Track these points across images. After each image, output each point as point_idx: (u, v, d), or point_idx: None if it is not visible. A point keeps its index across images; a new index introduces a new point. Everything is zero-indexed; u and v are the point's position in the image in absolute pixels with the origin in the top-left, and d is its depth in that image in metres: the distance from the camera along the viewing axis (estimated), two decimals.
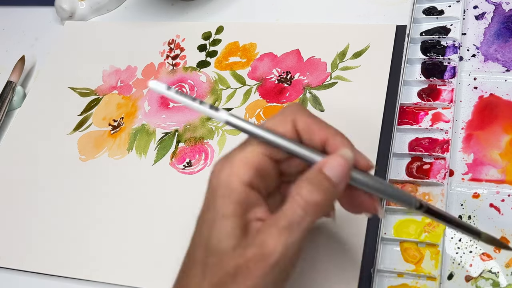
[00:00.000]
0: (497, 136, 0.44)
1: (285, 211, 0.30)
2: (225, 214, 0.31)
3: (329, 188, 0.31)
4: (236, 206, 0.31)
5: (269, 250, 0.29)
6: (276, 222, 0.30)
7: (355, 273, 0.39)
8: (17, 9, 0.67)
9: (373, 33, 0.51)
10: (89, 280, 0.44)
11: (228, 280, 0.30)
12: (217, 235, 0.31)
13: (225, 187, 0.31)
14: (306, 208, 0.30)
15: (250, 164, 0.32)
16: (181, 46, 0.57)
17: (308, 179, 0.31)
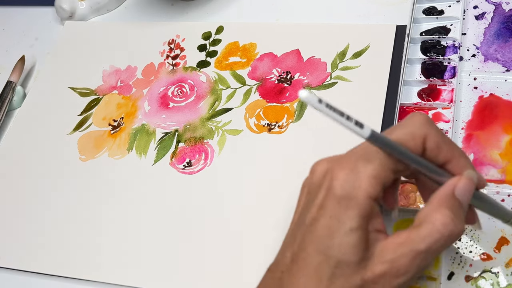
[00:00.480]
0: (497, 136, 0.44)
1: (423, 235, 0.30)
2: (352, 228, 0.30)
3: (462, 215, 0.32)
4: (362, 220, 0.31)
5: (403, 270, 0.30)
6: (412, 243, 0.30)
7: None
8: (17, 9, 0.67)
9: (373, 33, 0.51)
10: (89, 280, 0.44)
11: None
12: (342, 248, 0.30)
13: (352, 200, 0.31)
14: (447, 237, 0.30)
15: (378, 180, 0.31)
16: (181, 46, 0.57)
17: (447, 205, 0.31)
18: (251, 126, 0.49)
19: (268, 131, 0.48)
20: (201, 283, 0.42)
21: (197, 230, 0.45)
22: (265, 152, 0.47)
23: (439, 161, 0.33)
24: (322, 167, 0.33)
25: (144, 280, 0.43)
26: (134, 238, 0.45)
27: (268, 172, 0.46)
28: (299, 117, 0.48)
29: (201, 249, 0.44)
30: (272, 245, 0.42)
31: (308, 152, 0.46)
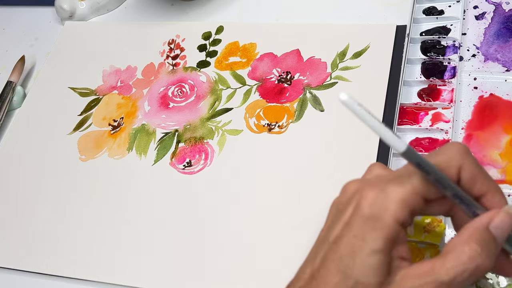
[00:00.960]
0: (497, 136, 0.44)
1: (448, 267, 0.29)
2: (375, 250, 0.30)
3: (494, 249, 0.30)
4: (386, 242, 0.30)
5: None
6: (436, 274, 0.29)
7: None
8: (17, 9, 0.67)
9: (373, 33, 0.51)
10: (89, 280, 0.44)
11: None
12: (362, 269, 0.30)
13: (378, 221, 0.30)
14: (473, 271, 0.29)
15: (408, 205, 0.30)
16: (181, 46, 0.57)
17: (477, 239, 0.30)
18: (251, 126, 0.49)
19: (268, 131, 0.48)
20: (200, 283, 0.42)
21: (197, 230, 0.45)
22: (265, 152, 0.47)
23: (474, 194, 0.32)
24: (353, 187, 0.32)
25: (144, 280, 0.43)
26: (134, 238, 0.45)
27: (268, 172, 0.46)
28: (299, 117, 0.48)
29: (201, 249, 0.44)
30: (272, 245, 0.42)
31: (308, 152, 0.46)
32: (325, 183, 0.44)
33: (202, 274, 0.43)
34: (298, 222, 0.43)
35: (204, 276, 0.42)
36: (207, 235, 0.44)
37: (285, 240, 0.42)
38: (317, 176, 0.45)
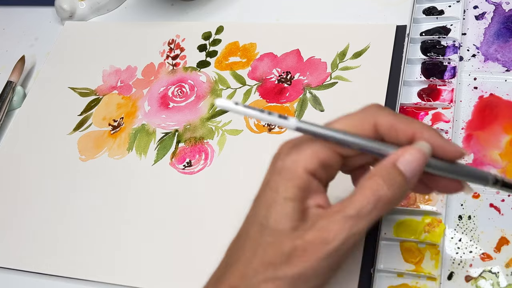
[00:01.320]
0: (497, 136, 0.44)
1: (354, 201, 0.31)
2: (287, 197, 0.32)
3: (401, 184, 0.32)
4: (297, 190, 0.32)
5: (331, 236, 0.30)
6: (343, 209, 0.31)
7: (355, 273, 0.39)
8: (17, 9, 0.67)
9: (373, 33, 0.51)
10: (89, 280, 0.44)
11: (281, 260, 0.31)
12: (275, 216, 0.32)
13: (289, 172, 0.32)
14: (376, 203, 0.31)
15: (318, 157, 0.32)
16: (181, 46, 0.57)
17: (381, 174, 0.32)
18: (251, 126, 0.49)
19: (268, 131, 0.48)
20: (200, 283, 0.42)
21: (197, 230, 0.45)
22: (265, 152, 0.47)
23: (402, 141, 0.33)
24: (275, 151, 0.34)
25: (144, 280, 0.43)
26: (134, 238, 0.45)
27: None
28: (299, 117, 0.48)
29: (201, 249, 0.43)
30: None
31: None
32: None
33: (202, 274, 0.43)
34: None
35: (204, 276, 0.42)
36: (207, 235, 0.44)
37: None
38: None
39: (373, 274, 0.39)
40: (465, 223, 0.41)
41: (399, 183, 0.31)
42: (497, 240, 0.39)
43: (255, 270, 0.31)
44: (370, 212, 0.31)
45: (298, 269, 0.31)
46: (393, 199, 0.31)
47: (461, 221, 0.41)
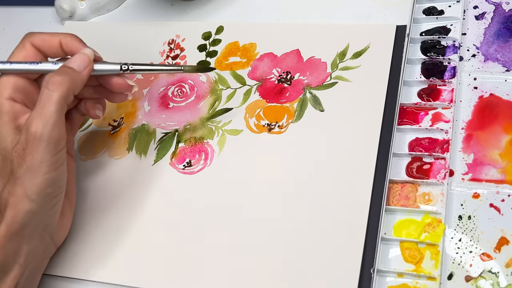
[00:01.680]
0: (497, 136, 0.44)
1: (39, 98, 0.39)
2: (0, 123, 0.40)
3: (70, 72, 0.41)
4: (5, 115, 0.40)
5: (34, 129, 0.38)
6: (35, 108, 0.39)
7: (355, 273, 0.39)
8: (17, 9, 0.67)
9: (373, 33, 0.51)
10: (89, 280, 0.44)
11: (14, 166, 0.39)
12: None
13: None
14: (50, 87, 0.39)
15: (9, 85, 0.41)
16: (181, 46, 0.57)
17: (54, 72, 0.40)
18: (251, 126, 0.49)
19: (268, 131, 0.48)
20: (200, 283, 0.42)
21: (196, 230, 0.45)
22: (265, 152, 0.47)
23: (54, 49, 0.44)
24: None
25: (144, 280, 0.43)
26: (133, 238, 0.45)
27: (268, 172, 0.46)
28: (299, 117, 0.48)
29: (201, 249, 0.43)
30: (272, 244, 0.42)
31: (308, 152, 0.46)
32: (325, 183, 0.44)
33: (202, 274, 0.43)
34: (297, 221, 0.43)
35: (204, 276, 0.42)
36: (207, 235, 0.44)
37: (285, 239, 0.42)
38: (317, 176, 0.45)
39: (373, 274, 0.39)
40: (465, 223, 0.41)
41: (67, 71, 0.41)
42: (497, 240, 0.39)
43: (2, 183, 0.39)
44: (50, 97, 0.39)
45: (26, 164, 0.38)
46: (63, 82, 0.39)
47: (461, 221, 0.41)
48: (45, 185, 0.39)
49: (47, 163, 0.39)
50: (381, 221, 0.41)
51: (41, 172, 0.38)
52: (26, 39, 0.43)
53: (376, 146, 0.44)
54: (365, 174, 0.43)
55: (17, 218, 0.38)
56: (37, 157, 0.38)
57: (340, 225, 0.42)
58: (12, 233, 0.38)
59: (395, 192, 0.43)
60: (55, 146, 0.39)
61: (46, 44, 0.43)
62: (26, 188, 0.38)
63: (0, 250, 0.38)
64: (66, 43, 0.43)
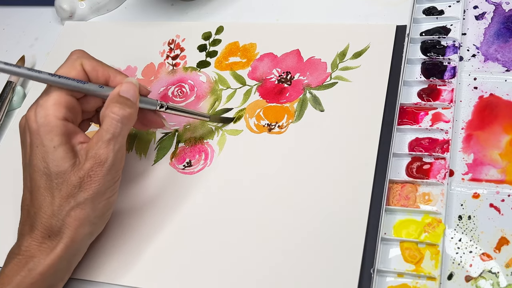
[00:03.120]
0: (497, 136, 0.44)
1: (106, 128, 0.40)
2: (56, 145, 0.39)
3: (131, 103, 0.41)
4: (61, 137, 0.40)
5: (103, 158, 0.40)
6: (101, 137, 0.40)
7: (355, 273, 0.39)
8: (17, 9, 0.67)
9: (373, 33, 0.51)
10: (89, 280, 0.44)
11: (76, 191, 0.39)
12: (53, 163, 0.39)
13: (46, 126, 0.40)
14: (122, 120, 0.40)
15: (60, 104, 0.40)
16: (181, 46, 0.57)
17: (114, 102, 0.41)
18: (251, 126, 0.49)
19: (268, 131, 0.48)
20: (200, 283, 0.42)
21: (196, 230, 0.45)
22: (265, 152, 0.47)
23: (101, 80, 0.43)
24: (22, 120, 0.42)
25: (144, 280, 0.43)
26: (133, 238, 0.45)
27: (268, 172, 0.46)
28: (299, 117, 0.48)
29: (201, 249, 0.43)
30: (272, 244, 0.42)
31: (308, 152, 0.46)
32: (325, 183, 0.44)
33: (202, 274, 0.43)
34: (297, 220, 0.43)
35: (204, 276, 0.42)
36: (207, 235, 0.44)
37: (285, 239, 0.42)
38: (317, 176, 0.45)
39: (373, 274, 0.39)
40: (465, 223, 0.41)
41: (129, 104, 0.41)
42: (497, 240, 0.39)
43: (59, 206, 0.39)
44: (121, 130, 0.40)
45: (92, 190, 0.40)
46: (131, 115, 0.41)
47: (461, 221, 0.41)
48: (106, 208, 0.41)
49: (110, 188, 0.41)
50: (381, 221, 0.41)
51: (105, 197, 0.41)
52: (77, 59, 0.43)
53: (376, 146, 0.44)
54: (365, 174, 0.43)
55: (76, 239, 0.40)
56: (104, 184, 0.40)
57: (340, 225, 0.42)
58: (67, 255, 0.40)
59: (395, 192, 0.43)
60: (118, 173, 0.41)
61: (95, 74, 0.43)
62: (89, 213, 0.40)
63: (52, 271, 0.40)
64: (114, 80, 0.43)
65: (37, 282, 0.39)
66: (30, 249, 0.40)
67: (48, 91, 0.41)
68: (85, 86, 0.41)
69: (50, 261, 0.39)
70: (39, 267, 0.39)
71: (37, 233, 0.40)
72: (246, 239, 0.43)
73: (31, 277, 0.39)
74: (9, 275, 0.39)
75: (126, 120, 0.40)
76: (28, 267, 0.39)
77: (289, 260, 0.41)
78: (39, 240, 0.40)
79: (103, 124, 0.40)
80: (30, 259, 0.39)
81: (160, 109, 0.45)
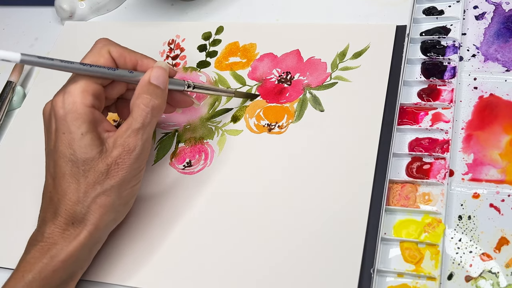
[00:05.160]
0: (497, 136, 0.44)
1: (135, 117, 0.40)
2: (83, 132, 0.39)
3: (161, 93, 0.42)
4: (89, 124, 0.40)
5: (132, 146, 0.40)
6: (131, 126, 0.40)
7: (355, 273, 0.39)
8: (17, 9, 0.67)
9: (373, 33, 0.51)
10: (89, 280, 0.44)
11: (103, 178, 0.40)
12: (80, 150, 0.39)
13: (74, 113, 0.40)
14: (152, 112, 0.41)
15: (88, 91, 0.40)
16: (181, 46, 0.57)
17: (145, 91, 0.41)
18: (251, 126, 0.49)
19: (268, 131, 0.48)
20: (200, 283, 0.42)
21: (196, 230, 0.45)
22: (265, 152, 0.47)
23: (129, 65, 0.43)
24: (46, 106, 0.42)
25: (144, 280, 0.43)
26: (133, 238, 0.45)
27: (268, 172, 0.46)
28: (299, 117, 0.48)
29: (201, 249, 0.43)
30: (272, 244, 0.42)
31: (308, 152, 0.46)
32: (325, 183, 0.44)
33: (202, 274, 0.43)
34: (298, 221, 0.43)
35: (204, 276, 0.42)
36: (207, 235, 0.44)
37: (285, 239, 0.42)
38: (317, 176, 0.45)
39: (373, 274, 0.39)
40: (465, 223, 0.41)
41: (159, 93, 0.41)
42: (497, 240, 0.39)
43: (85, 193, 0.39)
44: (150, 120, 0.41)
45: (119, 177, 0.40)
46: (160, 105, 0.41)
47: (461, 221, 0.41)
48: (131, 195, 0.42)
49: (136, 177, 0.41)
50: (381, 221, 0.41)
51: (130, 185, 0.41)
52: (104, 47, 0.43)
53: (376, 146, 0.44)
54: (365, 174, 0.43)
55: (100, 227, 0.40)
56: (131, 172, 0.40)
57: (340, 225, 0.42)
58: (90, 242, 0.40)
59: (395, 192, 0.43)
60: (144, 162, 0.42)
61: (122, 60, 0.43)
62: (115, 200, 0.40)
63: (74, 259, 0.40)
64: (142, 64, 0.44)
65: (59, 270, 0.39)
66: (53, 235, 0.40)
67: (76, 78, 0.41)
68: (116, 73, 0.42)
69: (73, 248, 0.39)
70: (62, 254, 0.39)
71: (60, 220, 0.40)
72: (246, 239, 0.43)
73: (53, 264, 0.39)
74: (30, 262, 0.39)
75: (155, 111, 0.41)
76: (50, 254, 0.39)
77: (289, 260, 0.41)
78: (62, 227, 0.40)
79: (133, 113, 0.41)
80: (52, 246, 0.39)
81: (188, 88, 0.45)
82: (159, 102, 0.41)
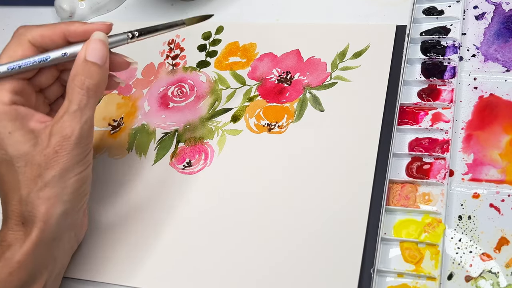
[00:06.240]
0: (497, 136, 0.44)
1: (71, 100, 0.38)
2: (10, 131, 0.38)
3: (97, 70, 0.39)
4: (14, 122, 0.38)
5: (69, 131, 0.38)
6: (67, 110, 0.38)
7: (355, 273, 0.39)
8: (17, 9, 0.67)
9: (373, 33, 0.51)
10: (90, 280, 0.44)
11: (42, 171, 0.37)
12: (12, 147, 0.38)
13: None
14: (88, 93, 0.38)
15: (6, 89, 0.39)
16: (181, 46, 0.57)
17: (79, 72, 0.38)
18: (251, 126, 0.49)
19: (268, 131, 0.48)
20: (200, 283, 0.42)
21: (196, 230, 0.45)
22: (265, 152, 0.47)
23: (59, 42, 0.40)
24: None
25: (144, 280, 0.43)
26: (133, 238, 0.45)
27: (268, 172, 0.46)
28: (299, 117, 0.48)
29: (201, 249, 0.43)
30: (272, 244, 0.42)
31: (308, 152, 0.46)
32: (325, 183, 0.44)
33: (202, 274, 0.43)
34: (298, 221, 0.43)
35: (204, 276, 0.42)
36: (207, 235, 0.44)
37: (285, 239, 0.42)
38: (316, 176, 0.45)
39: (373, 274, 0.39)
40: (465, 223, 0.41)
41: (96, 71, 0.39)
42: (497, 240, 0.39)
43: (28, 189, 0.37)
44: (87, 102, 0.38)
45: (60, 166, 0.38)
46: (98, 84, 0.39)
47: (461, 221, 0.41)
48: (78, 184, 0.39)
49: (80, 163, 0.39)
50: (381, 221, 0.41)
51: (74, 172, 0.39)
52: (22, 35, 0.40)
53: (376, 146, 0.44)
54: (365, 174, 0.43)
55: (50, 221, 0.38)
56: (72, 159, 0.38)
57: (340, 225, 0.42)
58: (44, 239, 0.38)
59: (395, 192, 0.43)
60: (88, 146, 0.39)
61: (47, 40, 0.40)
62: (59, 191, 0.38)
63: (30, 258, 0.38)
64: (71, 34, 0.40)
65: (15, 271, 0.37)
66: (6, 238, 0.38)
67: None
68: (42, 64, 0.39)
69: (26, 248, 0.38)
70: (16, 255, 0.37)
71: (10, 222, 0.38)
72: (246, 239, 0.43)
73: (9, 266, 0.37)
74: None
75: (92, 91, 0.38)
76: (5, 256, 0.37)
77: (289, 260, 0.41)
78: (14, 229, 0.38)
79: (68, 95, 0.38)
80: (7, 249, 0.38)
81: (132, 39, 0.42)
82: (95, 81, 0.38)
